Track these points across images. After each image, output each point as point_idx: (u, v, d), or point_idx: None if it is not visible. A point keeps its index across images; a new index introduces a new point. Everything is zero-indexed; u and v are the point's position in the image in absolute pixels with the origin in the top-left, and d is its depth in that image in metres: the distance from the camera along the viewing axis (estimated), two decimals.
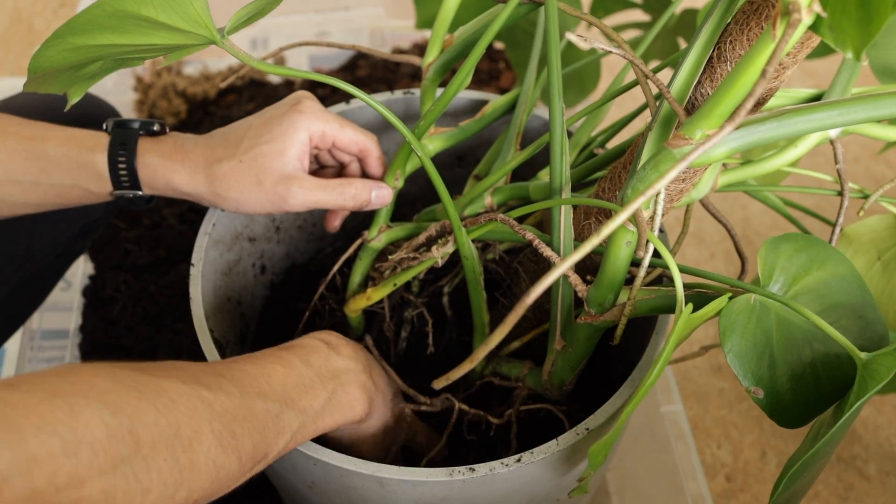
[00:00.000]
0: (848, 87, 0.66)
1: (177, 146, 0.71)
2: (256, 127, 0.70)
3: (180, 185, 0.70)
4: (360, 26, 1.56)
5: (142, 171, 0.70)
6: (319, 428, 0.61)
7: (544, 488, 0.69)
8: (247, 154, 0.69)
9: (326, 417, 0.61)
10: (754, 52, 0.44)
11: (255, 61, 0.59)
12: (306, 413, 0.59)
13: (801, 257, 0.57)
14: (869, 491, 1.10)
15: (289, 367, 0.60)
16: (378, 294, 0.74)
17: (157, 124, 0.72)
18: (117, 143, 0.70)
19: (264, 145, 0.69)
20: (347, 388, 0.63)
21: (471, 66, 0.65)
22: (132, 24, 0.55)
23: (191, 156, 0.70)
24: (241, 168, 0.69)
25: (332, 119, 0.72)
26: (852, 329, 0.56)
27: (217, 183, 0.69)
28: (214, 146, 0.70)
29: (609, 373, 0.83)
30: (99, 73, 0.63)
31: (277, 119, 0.70)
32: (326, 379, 0.62)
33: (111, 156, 0.70)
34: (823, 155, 1.44)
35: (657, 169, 0.52)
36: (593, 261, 0.69)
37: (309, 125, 0.70)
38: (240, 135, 0.70)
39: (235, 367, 0.57)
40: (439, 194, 0.65)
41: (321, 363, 0.62)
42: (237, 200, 0.70)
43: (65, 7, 1.78)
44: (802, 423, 0.55)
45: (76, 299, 1.15)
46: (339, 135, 0.72)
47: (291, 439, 0.58)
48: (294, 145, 0.69)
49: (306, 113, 0.70)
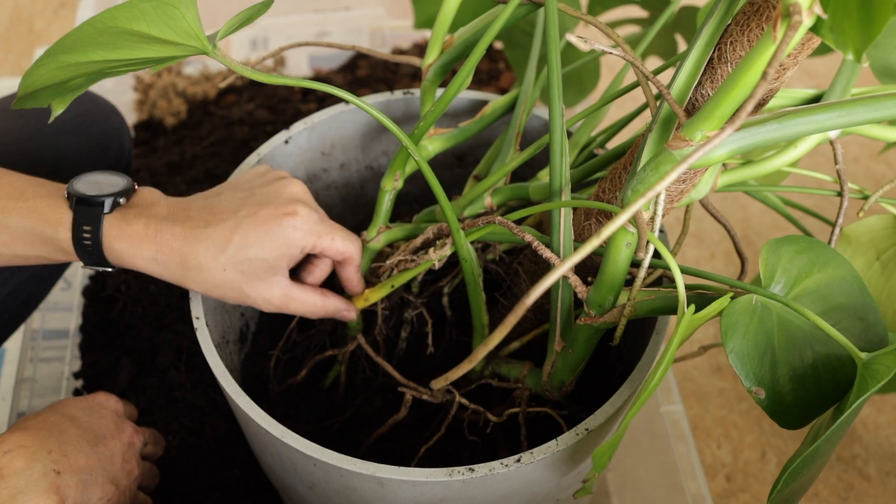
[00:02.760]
0: (848, 88, 0.66)
1: (149, 231, 0.65)
2: (245, 230, 0.65)
3: (152, 273, 0.66)
4: (360, 26, 1.56)
5: (109, 255, 0.66)
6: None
7: (544, 488, 0.69)
8: (232, 262, 0.65)
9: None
10: (755, 53, 0.44)
11: (247, 70, 0.58)
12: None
13: (802, 259, 0.57)
14: (869, 491, 1.10)
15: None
16: (376, 295, 0.74)
17: (123, 196, 0.66)
18: (80, 224, 0.65)
19: (254, 259, 0.66)
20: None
21: (471, 68, 0.65)
22: (124, 40, 0.55)
23: (164, 247, 0.65)
24: (225, 277, 0.66)
25: (326, 231, 0.69)
26: (853, 331, 0.56)
27: (194, 282, 0.66)
28: (195, 240, 0.65)
29: (609, 373, 0.83)
30: (83, 85, 0.62)
31: (271, 229, 0.66)
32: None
33: (75, 237, 0.65)
34: (823, 155, 1.44)
35: (657, 170, 0.52)
36: (593, 262, 0.69)
37: (304, 242, 0.67)
38: (225, 235, 0.65)
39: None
40: (436, 195, 0.65)
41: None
42: (209, 294, 0.68)
43: (65, 7, 1.78)
44: (803, 423, 0.55)
45: (76, 299, 1.14)
46: (329, 247, 0.69)
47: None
48: (284, 259, 0.67)
49: (302, 230, 0.67)
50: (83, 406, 0.72)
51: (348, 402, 0.83)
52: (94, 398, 0.74)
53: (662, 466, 1.03)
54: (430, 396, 0.73)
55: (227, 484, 0.96)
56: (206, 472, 0.96)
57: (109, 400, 0.75)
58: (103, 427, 0.71)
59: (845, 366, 0.54)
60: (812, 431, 0.56)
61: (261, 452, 0.76)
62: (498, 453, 0.77)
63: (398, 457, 0.78)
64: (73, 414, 0.69)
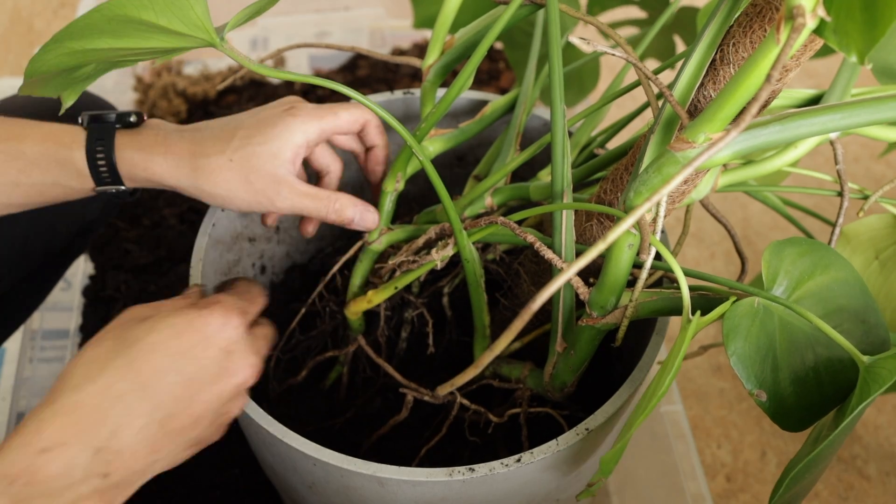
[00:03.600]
0: (848, 88, 0.66)
1: (158, 138, 0.69)
2: (248, 127, 0.68)
3: (162, 178, 0.68)
4: (360, 26, 1.56)
5: (121, 166, 0.68)
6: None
7: (544, 488, 0.69)
8: (237, 153, 0.67)
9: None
10: (758, 56, 0.44)
11: (253, 65, 0.59)
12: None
13: (804, 261, 0.57)
14: (869, 491, 1.11)
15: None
16: (379, 297, 0.74)
17: (133, 115, 0.70)
18: (94, 139, 0.68)
19: (257, 146, 0.67)
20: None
21: (472, 69, 0.65)
22: (131, 28, 0.55)
23: (174, 148, 0.68)
24: (232, 167, 0.67)
25: (325, 112, 0.70)
26: (855, 333, 0.56)
27: (203, 178, 0.68)
28: (202, 140, 0.68)
29: (609, 373, 0.83)
30: (93, 75, 0.63)
31: (272, 121, 0.68)
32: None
33: (89, 152, 0.68)
34: (823, 154, 1.44)
35: (660, 172, 0.51)
36: (595, 263, 0.69)
37: (305, 128, 0.69)
38: (230, 132, 0.68)
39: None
40: (440, 197, 0.65)
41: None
42: (223, 198, 0.68)
43: (65, 7, 1.78)
44: (805, 426, 0.55)
45: (76, 299, 1.15)
46: (338, 122, 0.71)
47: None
48: (288, 149, 0.68)
49: (301, 117, 0.69)
50: (180, 349, 0.57)
51: (349, 402, 0.83)
52: (201, 327, 0.58)
53: (662, 466, 1.03)
54: (432, 398, 0.73)
55: (227, 484, 0.96)
56: (206, 472, 0.96)
57: (222, 330, 0.59)
58: (198, 380, 0.57)
59: (847, 368, 0.54)
60: (813, 433, 0.55)
61: (261, 452, 0.76)
62: (498, 453, 0.77)
63: (398, 457, 0.78)
64: (156, 368, 0.55)
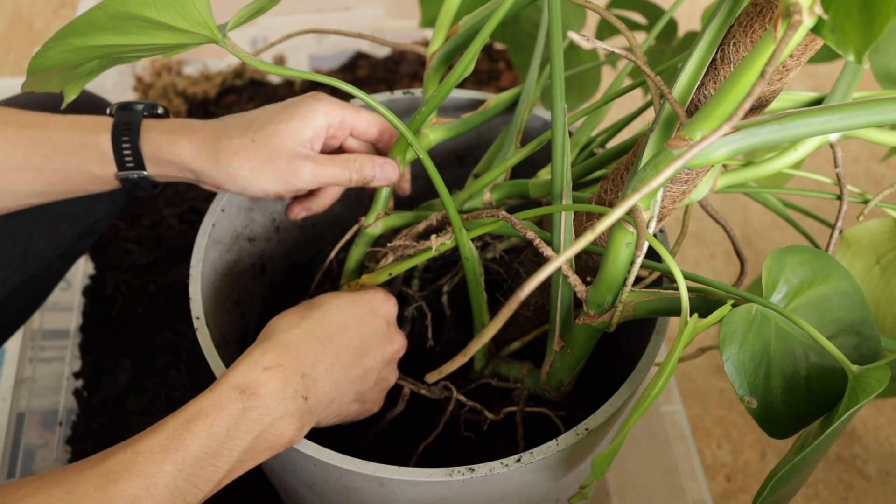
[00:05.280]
0: (849, 92, 0.66)
1: (184, 124, 0.70)
2: (271, 111, 0.70)
3: (185, 160, 0.69)
4: (360, 26, 1.57)
5: (146, 148, 0.70)
6: (228, 480, 0.60)
7: (543, 488, 0.69)
8: (259, 132, 0.69)
9: (236, 471, 0.60)
10: (755, 53, 0.44)
11: (256, 62, 0.59)
12: (207, 485, 0.57)
13: (805, 270, 0.57)
14: (869, 491, 1.11)
15: (182, 456, 0.56)
16: (372, 281, 0.74)
17: (160, 108, 0.72)
18: (121, 124, 0.70)
19: (278, 124, 0.69)
20: (269, 430, 0.60)
21: (475, 52, 0.65)
22: (133, 25, 0.55)
23: (199, 133, 0.69)
24: (254, 146, 0.68)
25: (349, 105, 0.72)
26: (848, 344, 0.56)
27: (226, 159, 0.69)
28: (226, 127, 0.70)
29: (609, 373, 0.83)
30: (95, 71, 0.63)
31: (294, 104, 0.70)
32: (236, 438, 0.58)
33: (115, 136, 0.69)
34: (823, 156, 1.44)
35: (657, 169, 0.52)
36: (593, 262, 0.69)
37: (328, 111, 0.70)
38: (252, 117, 0.70)
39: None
40: (438, 190, 0.65)
41: (228, 426, 0.57)
42: (246, 178, 0.69)
43: (65, 7, 1.78)
44: (791, 433, 0.55)
45: (76, 299, 1.15)
46: (357, 119, 0.72)
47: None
48: (310, 128, 0.69)
49: (325, 101, 0.71)
50: (356, 313, 0.68)
51: None
52: (370, 300, 0.69)
53: (662, 466, 1.03)
54: (428, 391, 0.74)
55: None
56: None
57: (385, 304, 0.71)
58: (368, 339, 0.68)
59: (838, 378, 0.55)
60: (799, 441, 0.56)
61: None
62: (498, 453, 0.77)
63: (398, 457, 0.78)
64: (341, 323, 0.66)
